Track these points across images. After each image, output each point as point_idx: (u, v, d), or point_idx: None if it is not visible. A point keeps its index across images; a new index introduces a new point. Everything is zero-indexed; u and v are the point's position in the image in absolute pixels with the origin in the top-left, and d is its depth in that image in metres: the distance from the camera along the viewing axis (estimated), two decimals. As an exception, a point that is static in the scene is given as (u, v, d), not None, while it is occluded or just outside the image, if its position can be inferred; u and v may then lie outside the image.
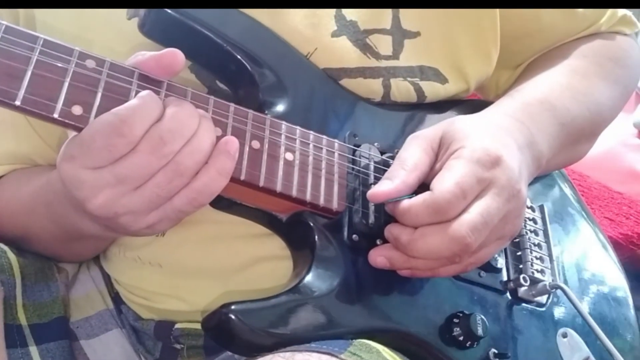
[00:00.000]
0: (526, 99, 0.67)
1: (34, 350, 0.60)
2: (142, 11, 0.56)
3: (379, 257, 0.55)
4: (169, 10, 0.56)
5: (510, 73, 0.79)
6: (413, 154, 0.56)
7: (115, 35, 0.60)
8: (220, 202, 0.55)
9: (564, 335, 0.64)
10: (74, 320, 0.68)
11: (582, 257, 0.73)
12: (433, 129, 0.58)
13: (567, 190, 0.78)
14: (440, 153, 0.56)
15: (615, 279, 0.74)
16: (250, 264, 0.61)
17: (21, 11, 0.62)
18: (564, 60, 0.73)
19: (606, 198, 1.05)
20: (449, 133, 0.56)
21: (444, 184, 0.52)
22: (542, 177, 0.73)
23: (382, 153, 0.61)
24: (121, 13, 0.58)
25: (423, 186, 0.54)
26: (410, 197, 0.53)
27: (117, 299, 0.70)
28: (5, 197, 0.64)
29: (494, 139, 0.56)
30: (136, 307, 0.68)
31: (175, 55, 0.49)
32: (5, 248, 0.61)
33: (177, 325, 0.64)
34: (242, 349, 0.49)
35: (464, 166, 0.53)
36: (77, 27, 0.61)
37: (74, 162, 0.45)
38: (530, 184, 0.64)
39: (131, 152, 0.45)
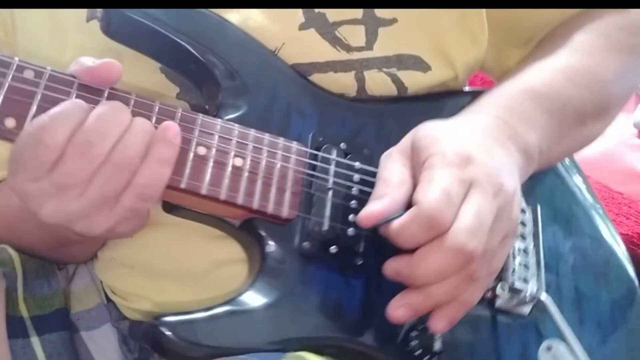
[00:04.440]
0: (506, 92, 0.62)
1: (35, 340, 0.62)
2: (99, 13, 0.56)
3: (397, 309, 0.51)
4: (125, 12, 0.55)
5: (521, 51, 0.72)
6: (394, 171, 0.53)
7: (87, 34, 0.60)
8: (172, 209, 0.55)
9: (549, 348, 0.60)
10: (75, 311, 0.69)
11: (584, 260, 0.67)
12: (403, 141, 0.55)
13: (574, 185, 0.72)
14: (412, 164, 0.53)
15: (624, 284, 0.68)
16: (214, 267, 0.60)
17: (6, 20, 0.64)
18: (568, 38, 0.67)
19: (606, 198, 0.99)
20: (416, 142, 0.53)
21: (428, 194, 0.49)
22: (541, 173, 0.67)
23: (346, 154, 0.58)
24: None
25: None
26: (400, 216, 0.49)
27: (106, 296, 0.72)
28: None
29: (459, 138, 0.53)
30: (118, 306, 0.69)
31: (111, 68, 0.48)
32: (5, 245, 0.64)
33: None
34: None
35: (441, 173, 0.50)
36: (50, 28, 0.62)
37: (15, 177, 0.45)
38: (527, 180, 0.60)
39: (62, 160, 0.44)
